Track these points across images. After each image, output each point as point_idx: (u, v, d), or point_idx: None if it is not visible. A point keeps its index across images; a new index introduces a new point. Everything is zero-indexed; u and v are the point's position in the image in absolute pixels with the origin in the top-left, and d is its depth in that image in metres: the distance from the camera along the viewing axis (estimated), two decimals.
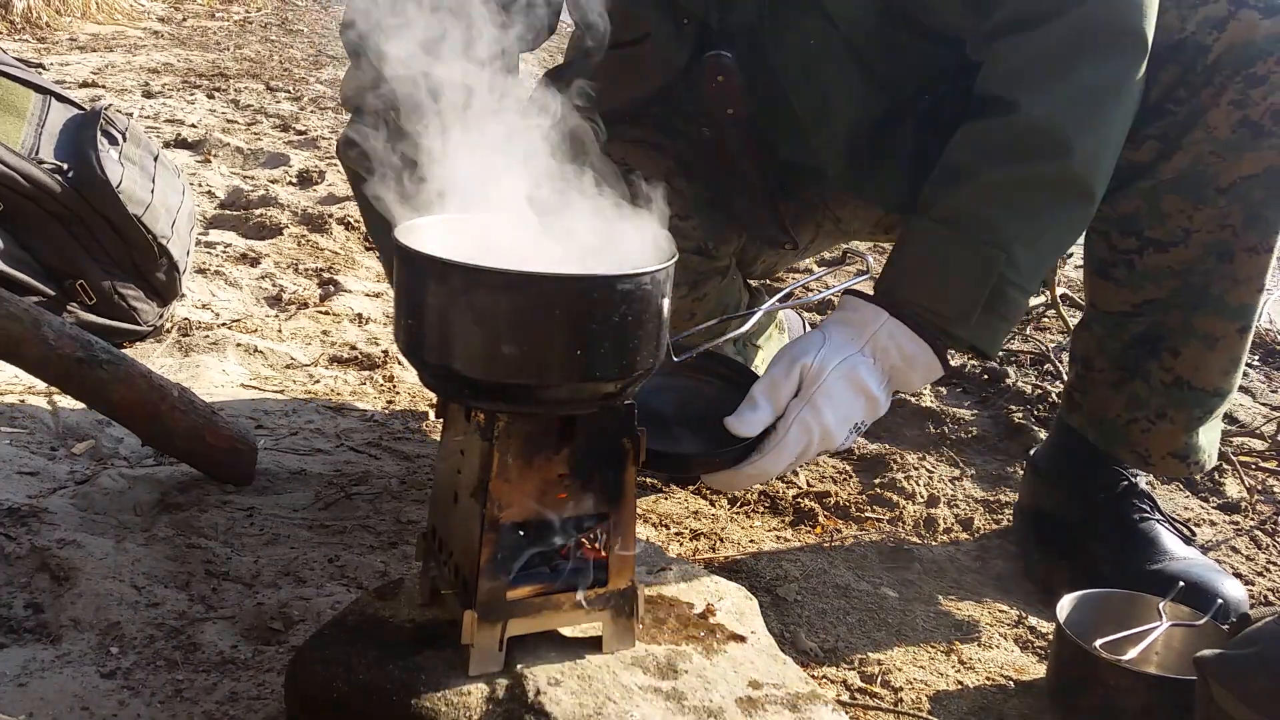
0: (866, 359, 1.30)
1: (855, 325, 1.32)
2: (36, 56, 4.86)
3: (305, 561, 1.42)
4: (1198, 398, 1.53)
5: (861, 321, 1.32)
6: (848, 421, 1.29)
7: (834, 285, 1.55)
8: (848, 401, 1.28)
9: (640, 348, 0.97)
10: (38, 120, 2.16)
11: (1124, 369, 1.57)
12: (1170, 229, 1.48)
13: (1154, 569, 1.53)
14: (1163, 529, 1.59)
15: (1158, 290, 1.52)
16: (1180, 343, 1.52)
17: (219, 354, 2.13)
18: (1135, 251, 1.52)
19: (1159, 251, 1.50)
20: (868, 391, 1.29)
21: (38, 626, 1.22)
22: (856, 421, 1.30)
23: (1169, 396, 1.53)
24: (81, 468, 1.61)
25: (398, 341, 1.03)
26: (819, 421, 1.27)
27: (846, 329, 1.32)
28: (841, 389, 1.28)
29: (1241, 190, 1.43)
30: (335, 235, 2.95)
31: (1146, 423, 1.56)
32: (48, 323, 1.46)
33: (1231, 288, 1.47)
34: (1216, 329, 1.49)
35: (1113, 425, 1.59)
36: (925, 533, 1.76)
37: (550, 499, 1.01)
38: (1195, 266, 1.48)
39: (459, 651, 1.00)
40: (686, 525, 1.69)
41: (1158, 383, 1.54)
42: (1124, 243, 1.53)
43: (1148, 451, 1.58)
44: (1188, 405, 1.53)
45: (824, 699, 1.06)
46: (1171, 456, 1.57)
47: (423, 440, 1.90)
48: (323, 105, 4.64)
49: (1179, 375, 1.52)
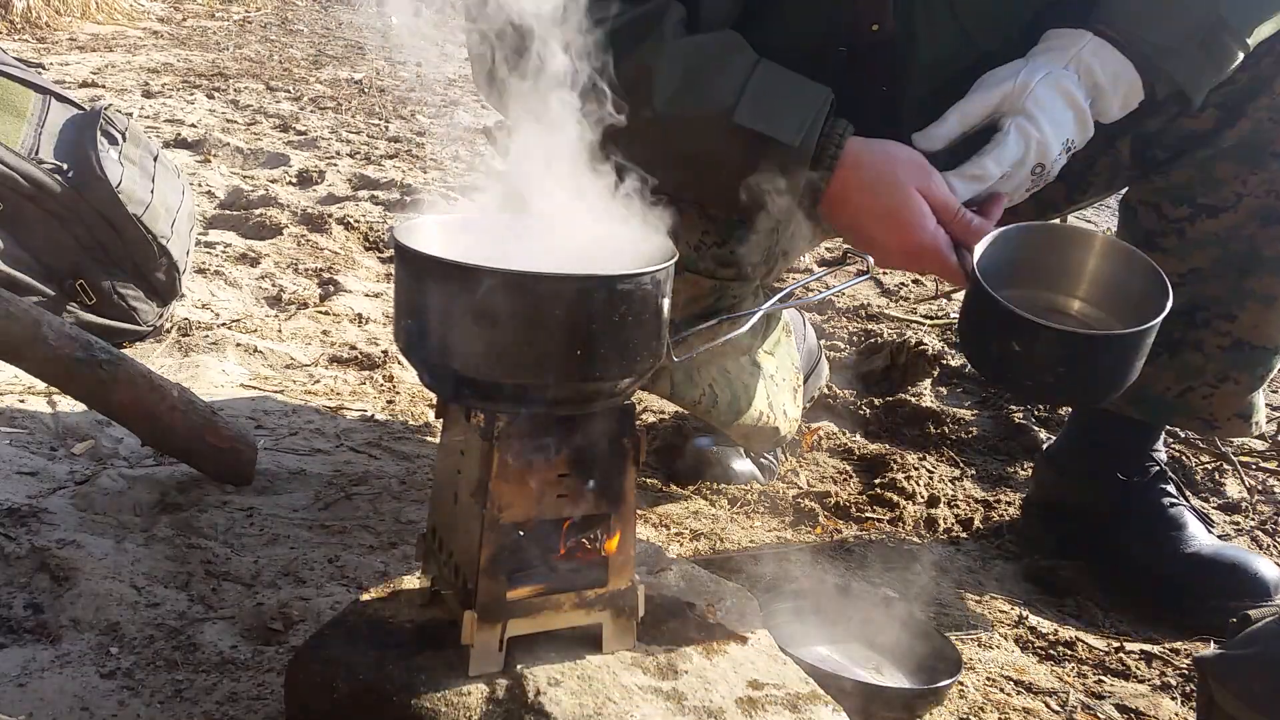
0: (1070, 73, 1.30)
1: (1056, 47, 1.32)
2: (36, 56, 4.85)
3: (305, 561, 1.42)
4: (1260, 356, 1.56)
5: (1062, 44, 1.32)
6: (1060, 135, 1.30)
7: (834, 285, 1.55)
8: (1059, 111, 1.29)
9: (640, 348, 0.97)
10: (38, 120, 2.15)
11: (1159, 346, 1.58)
12: (1224, 194, 1.50)
13: (1189, 553, 1.58)
14: (1190, 515, 1.62)
15: (1203, 258, 1.54)
16: (1235, 307, 1.54)
17: (219, 354, 2.13)
18: (1186, 220, 1.54)
19: (1210, 217, 1.52)
20: (1077, 104, 1.30)
21: (38, 626, 1.22)
22: (1068, 138, 1.31)
23: (1230, 359, 1.56)
24: (81, 468, 1.61)
25: (398, 341, 1.03)
26: (1036, 129, 1.28)
27: (1047, 52, 1.32)
28: (1051, 97, 1.29)
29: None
30: (335, 235, 2.95)
31: (1207, 388, 1.58)
32: (48, 323, 1.46)
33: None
34: (1275, 287, 1.52)
35: (1161, 399, 1.61)
36: (925, 533, 1.76)
37: (550, 499, 1.01)
38: (1239, 232, 1.50)
39: (459, 651, 1.00)
40: (686, 525, 1.69)
41: (1214, 349, 1.56)
42: (1176, 211, 1.54)
43: (1212, 415, 1.60)
44: (1251, 365, 1.56)
45: (824, 699, 1.06)
46: (1237, 417, 1.60)
47: (423, 440, 1.90)
48: (322, 105, 4.64)
49: (1239, 338, 1.55)
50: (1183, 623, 1.55)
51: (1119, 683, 1.41)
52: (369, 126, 4.36)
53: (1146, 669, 1.45)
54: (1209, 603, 1.51)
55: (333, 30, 7.02)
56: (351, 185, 3.46)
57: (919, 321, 2.78)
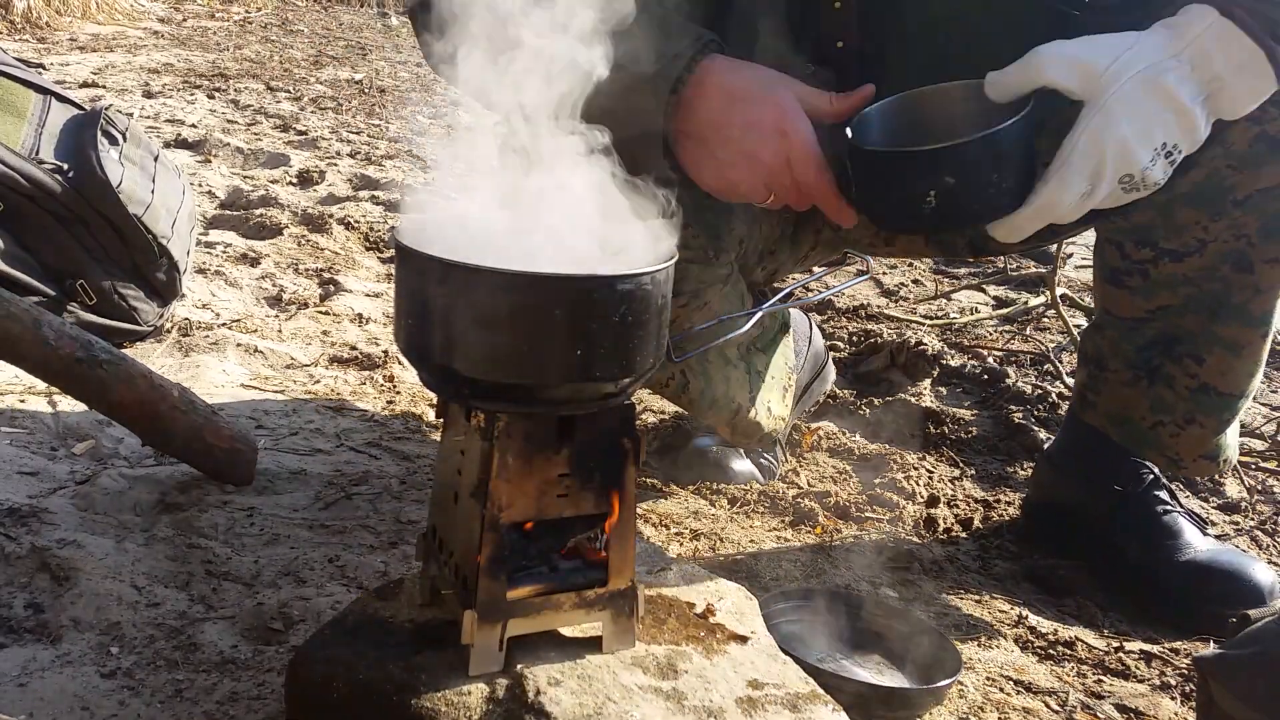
0: (1181, 65, 1.10)
1: (1177, 27, 1.12)
2: (36, 56, 4.86)
3: (305, 561, 1.42)
4: (1225, 402, 1.55)
5: (1185, 23, 1.12)
6: (1151, 137, 1.10)
7: (834, 285, 1.55)
8: (1150, 111, 1.09)
9: (640, 348, 0.97)
10: (38, 120, 2.15)
11: (1140, 369, 1.59)
12: (1185, 240, 1.49)
13: (1185, 560, 1.58)
14: (1185, 521, 1.63)
15: (1172, 297, 1.53)
16: (1204, 350, 1.53)
17: (219, 354, 2.13)
18: (1150, 261, 1.53)
19: (1174, 261, 1.51)
20: (1178, 103, 1.10)
21: (38, 626, 1.22)
22: (1164, 141, 1.11)
23: (1196, 402, 1.56)
24: (81, 468, 1.61)
25: (398, 341, 1.03)
26: (1113, 133, 1.08)
27: (1166, 31, 1.13)
28: (1142, 95, 1.09)
29: (1258, 201, 1.43)
30: (335, 235, 2.95)
31: (1175, 427, 1.59)
32: (48, 323, 1.46)
33: (1254, 297, 1.49)
34: (1241, 337, 1.51)
35: (1137, 427, 1.62)
36: (925, 533, 1.76)
37: (550, 499, 1.01)
38: (1211, 273, 1.49)
39: (459, 651, 1.00)
40: (686, 525, 1.69)
41: (1183, 389, 1.56)
42: (1138, 253, 1.54)
43: (1178, 455, 1.61)
44: (1216, 410, 1.56)
45: (824, 699, 1.06)
46: (1203, 458, 1.60)
47: (423, 440, 1.90)
48: (323, 105, 4.64)
49: (1205, 382, 1.54)
50: (1181, 626, 1.56)
51: (1119, 683, 1.41)
52: (369, 126, 4.36)
53: (1146, 669, 1.45)
54: (1205, 610, 1.52)
55: (333, 30, 7.02)
56: (352, 185, 3.46)
57: (919, 321, 2.78)
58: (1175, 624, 1.56)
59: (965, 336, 2.70)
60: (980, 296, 3.07)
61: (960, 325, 2.77)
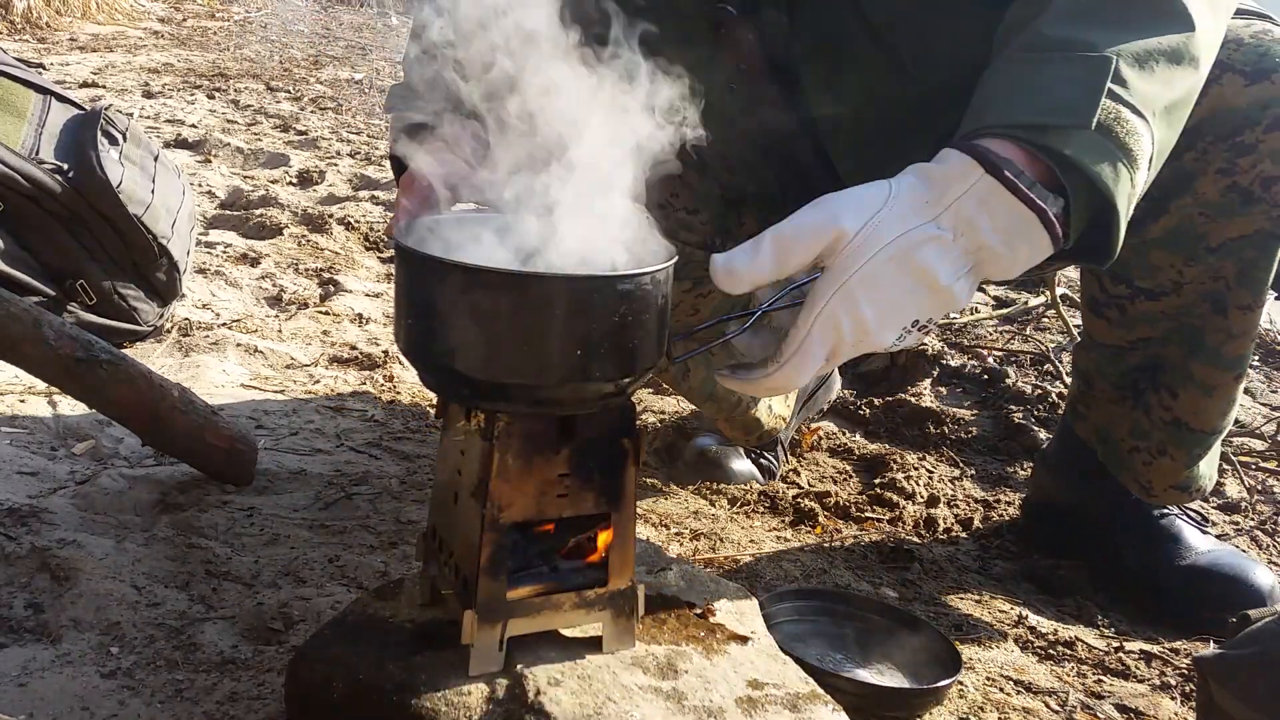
0: (941, 233, 0.93)
1: (934, 182, 0.95)
2: (36, 56, 4.86)
3: (305, 561, 1.42)
4: (1197, 438, 1.55)
5: (943, 178, 0.95)
6: (898, 319, 0.95)
7: None
8: (900, 292, 0.94)
9: (640, 348, 0.97)
10: (38, 120, 2.15)
11: (1125, 390, 1.60)
12: (1160, 281, 1.49)
13: (1184, 564, 1.58)
14: (1184, 524, 1.63)
15: (1151, 330, 1.53)
16: (1179, 385, 1.53)
17: (219, 354, 2.13)
18: (1126, 298, 1.53)
19: (1150, 300, 1.51)
20: (932, 281, 0.94)
21: (38, 626, 1.22)
22: (914, 319, 0.96)
23: (1169, 434, 1.56)
24: (81, 468, 1.61)
25: (398, 341, 1.03)
26: (852, 315, 0.94)
27: (920, 187, 0.95)
28: (892, 275, 0.93)
29: (1233, 248, 1.42)
30: (335, 235, 2.95)
31: (1148, 455, 1.59)
32: (48, 323, 1.46)
33: (1226, 341, 1.48)
34: (1213, 379, 1.51)
35: (1117, 449, 1.62)
36: (925, 533, 1.76)
37: (550, 499, 1.01)
38: (1190, 310, 1.49)
39: (459, 651, 1.00)
40: (686, 525, 1.69)
41: (1158, 419, 1.56)
42: (1115, 289, 1.54)
43: (1150, 484, 1.61)
44: (1188, 444, 1.56)
45: (824, 699, 1.06)
46: (1173, 489, 1.60)
47: (423, 440, 1.90)
48: (323, 105, 4.64)
49: (1178, 416, 1.54)
50: (1181, 628, 1.56)
51: (1119, 682, 1.41)
52: (369, 126, 4.36)
53: (1146, 669, 1.45)
54: (1205, 614, 1.52)
55: (333, 30, 7.02)
56: (352, 185, 3.46)
57: None
58: (1175, 625, 1.56)
59: (965, 336, 2.71)
60: (980, 296, 3.07)
61: (960, 325, 2.77)
